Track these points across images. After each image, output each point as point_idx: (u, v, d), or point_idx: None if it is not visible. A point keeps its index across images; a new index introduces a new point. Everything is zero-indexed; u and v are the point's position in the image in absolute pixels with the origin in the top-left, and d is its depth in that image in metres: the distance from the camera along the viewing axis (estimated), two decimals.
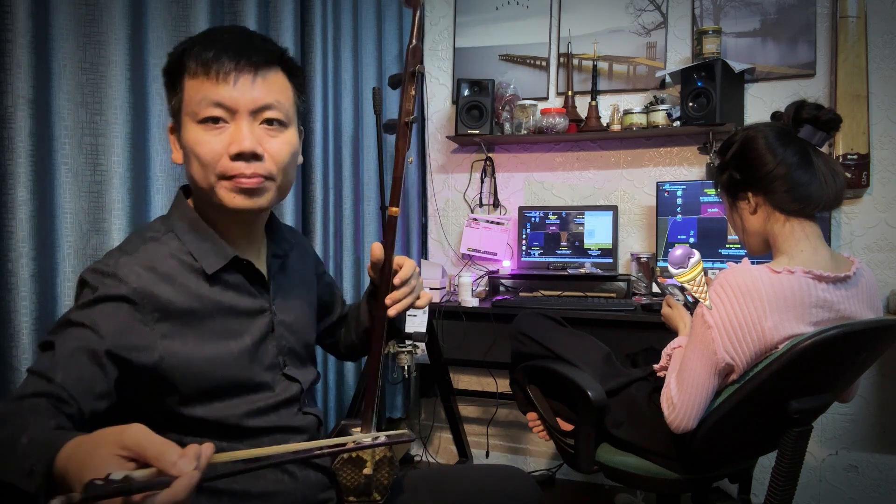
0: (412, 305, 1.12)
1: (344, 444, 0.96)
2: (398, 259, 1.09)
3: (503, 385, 2.73)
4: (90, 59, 1.46)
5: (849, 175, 2.32)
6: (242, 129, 0.94)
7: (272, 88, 0.97)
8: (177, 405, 0.95)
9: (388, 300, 1.08)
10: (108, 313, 0.88)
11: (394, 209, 1.06)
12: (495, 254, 2.81)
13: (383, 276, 1.07)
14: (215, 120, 0.94)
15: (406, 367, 2.39)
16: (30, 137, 1.30)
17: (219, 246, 1.01)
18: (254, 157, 0.95)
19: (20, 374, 1.28)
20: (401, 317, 1.23)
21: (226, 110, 0.94)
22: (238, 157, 0.94)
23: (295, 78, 1.03)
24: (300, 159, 1.07)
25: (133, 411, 0.91)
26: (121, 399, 0.89)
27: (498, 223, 2.82)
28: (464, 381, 2.96)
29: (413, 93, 1.03)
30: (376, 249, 1.07)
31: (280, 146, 0.98)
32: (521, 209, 2.71)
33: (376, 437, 1.03)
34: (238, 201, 0.96)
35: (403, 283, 1.09)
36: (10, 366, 1.28)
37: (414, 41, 1.02)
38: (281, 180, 1.00)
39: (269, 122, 0.97)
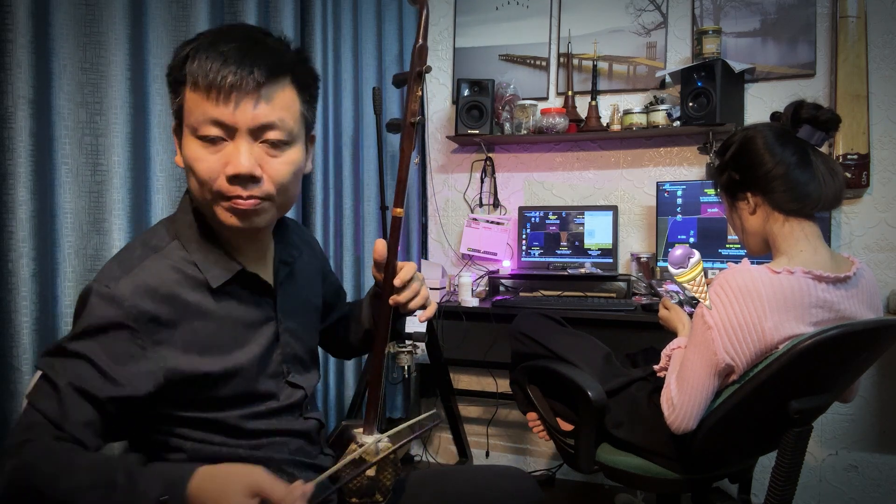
0: (419, 308, 1.11)
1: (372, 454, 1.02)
2: (400, 264, 1.08)
3: (503, 385, 2.73)
4: (90, 59, 1.46)
5: (849, 175, 2.32)
6: (241, 150, 0.90)
7: (276, 106, 0.92)
8: (177, 410, 0.96)
9: (391, 301, 1.07)
10: (105, 344, 0.88)
11: (398, 210, 1.03)
12: (495, 254, 2.81)
13: (386, 276, 1.06)
14: (213, 140, 0.90)
15: (406, 367, 2.39)
16: (30, 137, 1.30)
17: (224, 259, 0.98)
18: (251, 179, 0.91)
19: (20, 373, 1.28)
20: (401, 322, 1.23)
21: (224, 129, 0.90)
22: (234, 178, 0.90)
23: (305, 88, 0.98)
24: (309, 167, 1.04)
25: (137, 416, 0.93)
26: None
27: (498, 223, 2.82)
28: (464, 381, 2.96)
29: (419, 93, 1.00)
30: (379, 246, 1.04)
31: (280, 166, 0.94)
32: (521, 209, 2.71)
33: (378, 440, 1.04)
34: (234, 221, 0.93)
35: (405, 287, 1.08)
36: (11, 366, 1.28)
37: (420, 41, 0.98)
38: (281, 200, 0.96)
39: (271, 143, 0.92)
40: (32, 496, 0.80)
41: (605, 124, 2.61)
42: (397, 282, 1.06)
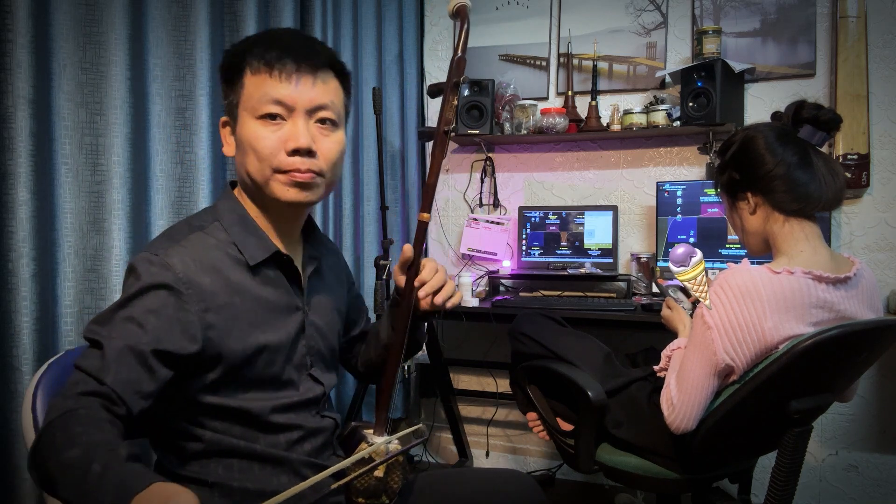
0: (447, 300, 1.13)
1: (367, 459, 1.01)
2: (423, 261, 1.11)
3: (503, 385, 2.73)
4: (90, 59, 1.46)
5: (849, 175, 2.32)
6: (299, 126, 1.00)
7: (328, 90, 1.03)
8: (204, 392, 0.98)
9: (416, 282, 1.09)
10: (153, 304, 0.92)
11: (425, 215, 1.07)
12: (495, 254, 2.81)
13: (409, 278, 1.09)
14: (273, 116, 1.00)
15: (406, 367, 2.40)
16: (30, 137, 1.30)
17: (263, 240, 1.05)
18: (308, 153, 1.00)
19: (20, 374, 1.28)
20: (422, 330, 1.25)
21: (284, 108, 1.00)
22: (294, 152, 0.99)
23: (345, 81, 1.09)
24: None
25: (160, 398, 0.94)
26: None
27: (498, 223, 2.82)
28: (464, 381, 2.96)
29: (455, 103, 1.06)
30: (407, 251, 1.09)
31: (331, 145, 1.04)
32: (521, 209, 2.71)
33: (389, 441, 1.04)
34: (291, 194, 1.01)
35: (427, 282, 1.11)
36: (11, 366, 1.28)
37: (459, 53, 1.04)
38: (329, 177, 1.06)
39: (323, 121, 1.03)
40: (41, 462, 0.79)
41: (605, 124, 2.61)
42: (418, 282, 1.09)
